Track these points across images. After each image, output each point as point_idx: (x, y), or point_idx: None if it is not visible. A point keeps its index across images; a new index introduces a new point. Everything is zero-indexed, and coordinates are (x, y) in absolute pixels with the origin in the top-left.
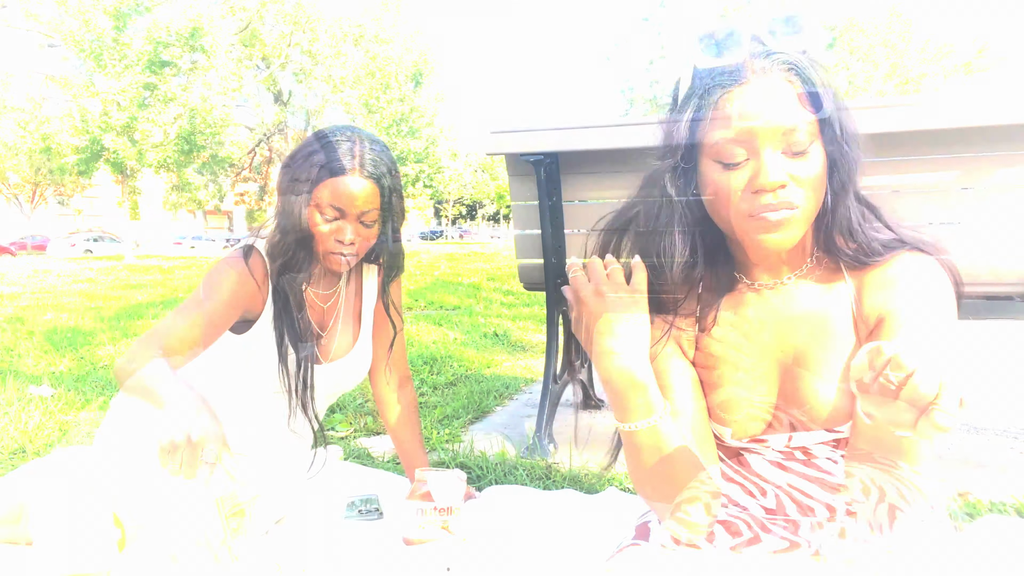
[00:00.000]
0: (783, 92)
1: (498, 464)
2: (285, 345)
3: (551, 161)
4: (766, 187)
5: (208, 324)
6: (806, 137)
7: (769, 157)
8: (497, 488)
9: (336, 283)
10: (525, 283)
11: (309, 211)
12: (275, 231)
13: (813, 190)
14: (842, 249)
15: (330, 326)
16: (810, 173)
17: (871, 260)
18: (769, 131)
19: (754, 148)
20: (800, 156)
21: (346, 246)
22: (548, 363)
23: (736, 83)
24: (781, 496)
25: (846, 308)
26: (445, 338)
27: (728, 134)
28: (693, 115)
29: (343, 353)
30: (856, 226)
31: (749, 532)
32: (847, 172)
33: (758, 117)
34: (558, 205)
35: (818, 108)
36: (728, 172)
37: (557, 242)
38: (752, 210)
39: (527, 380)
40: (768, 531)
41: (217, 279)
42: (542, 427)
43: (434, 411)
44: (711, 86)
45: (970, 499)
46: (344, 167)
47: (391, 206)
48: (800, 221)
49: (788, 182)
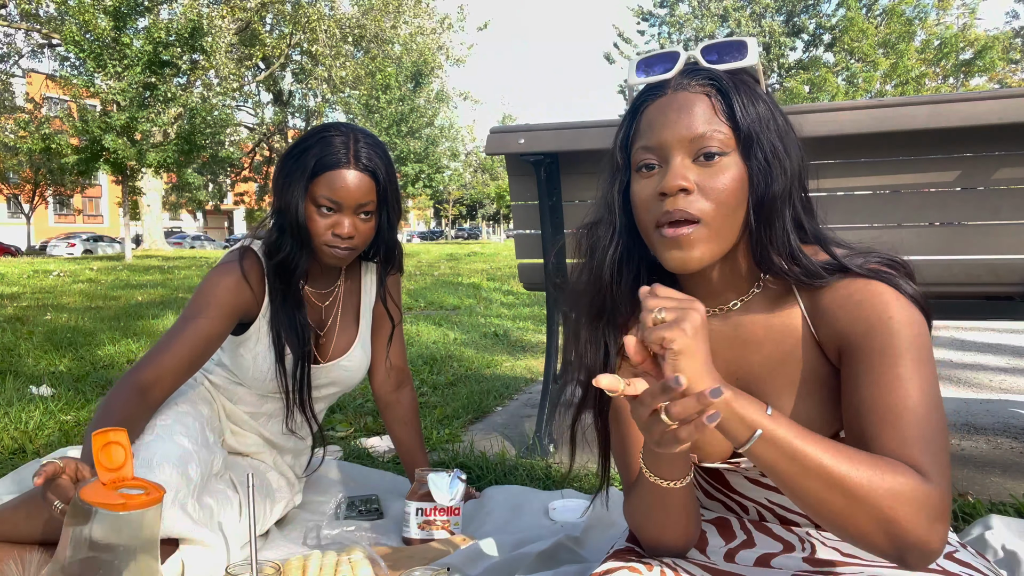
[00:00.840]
0: (697, 103)
1: (498, 464)
2: (282, 345)
3: (551, 161)
4: (667, 189)
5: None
6: (716, 146)
7: (677, 162)
8: (497, 488)
9: (334, 282)
10: (525, 283)
11: (306, 205)
12: (272, 228)
13: (721, 203)
14: (782, 269)
15: (328, 325)
16: (718, 184)
17: (816, 283)
18: (677, 138)
19: (665, 155)
20: (709, 165)
21: (343, 240)
22: (548, 363)
23: (656, 97)
24: (763, 511)
25: (803, 329)
26: (445, 338)
27: (643, 142)
28: (623, 131)
29: (341, 353)
30: (794, 247)
31: (742, 533)
32: (771, 190)
33: (668, 125)
34: (558, 205)
35: (733, 124)
36: (643, 180)
37: (557, 242)
38: (657, 218)
39: (527, 380)
40: (761, 529)
41: (210, 290)
42: (542, 427)
43: (434, 411)
44: (637, 102)
45: (970, 499)
46: (339, 160)
47: (387, 199)
48: (706, 240)
49: (694, 188)
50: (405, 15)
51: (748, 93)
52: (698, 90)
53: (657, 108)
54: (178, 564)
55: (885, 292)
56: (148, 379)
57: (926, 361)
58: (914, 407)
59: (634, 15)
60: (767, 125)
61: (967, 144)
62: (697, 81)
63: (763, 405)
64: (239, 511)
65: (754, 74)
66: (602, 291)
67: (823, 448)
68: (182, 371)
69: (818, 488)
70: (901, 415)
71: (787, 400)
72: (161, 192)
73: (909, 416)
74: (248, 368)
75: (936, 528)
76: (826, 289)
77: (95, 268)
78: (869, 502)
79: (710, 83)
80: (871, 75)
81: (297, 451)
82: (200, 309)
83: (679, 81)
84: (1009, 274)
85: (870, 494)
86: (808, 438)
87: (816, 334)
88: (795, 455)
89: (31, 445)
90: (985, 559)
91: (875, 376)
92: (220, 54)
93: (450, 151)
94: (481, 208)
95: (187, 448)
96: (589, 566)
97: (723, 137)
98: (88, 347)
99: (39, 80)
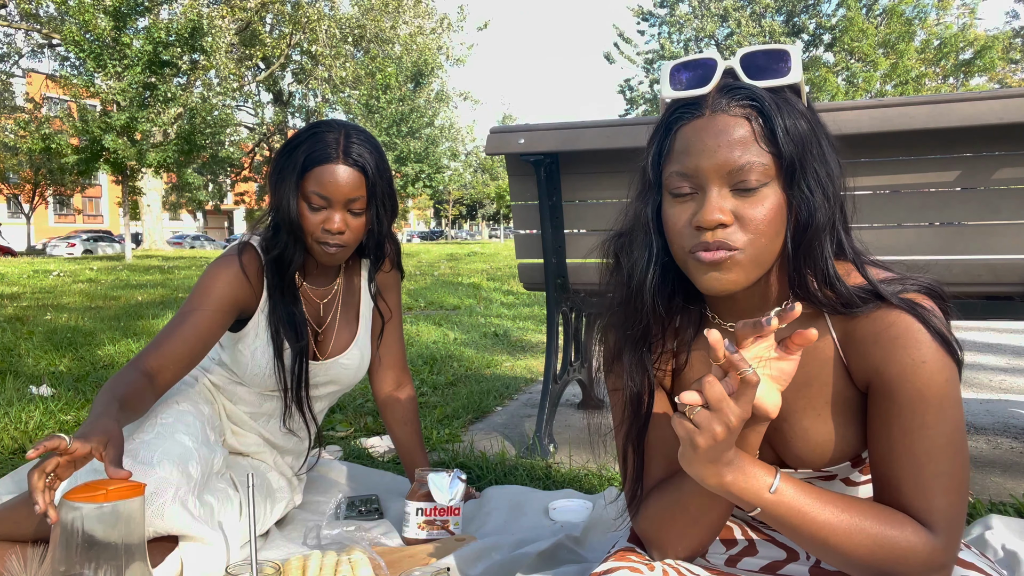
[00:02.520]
0: (737, 129)
1: (498, 464)
2: (280, 340)
3: (551, 161)
4: (704, 224)
5: (194, 337)
6: (756, 177)
7: (714, 194)
8: (497, 488)
9: (332, 280)
10: (525, 283)
11: (298, 202)
12: (269, 225)
13: (760, 234)
14: (815, 295)
15: (327, 323)
16: (757, 215)
17: (851, 311)
18: (715, 168)
19: (700, 183)
20: (748, 195)
21: (334, 235)
22: (548, 363)
23: (692, 117)
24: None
25: (831, 356)
26: (445, 338)
27: (678, 167)
28: (655, 147)
29: (340, 350)
30: (832, 273)
31: (744, 540)
32: (814, 219)
33: (706, 152)
34: (558, 205)
35: (776, 150)
36: (677, 205)
37: (557, 242)
38: (692, 246)
39: (527, 380)
40: (763, 536)
41: (209, 283)
42: (542, 427)
43: (434, 411)
44: (671, 119)
45: (970, 499)
46: (329, 155)
47: (377, 194)
48: (743, 264)
49: (732, 222)
50: (405, 15)
51: (791, 113)
52: (738, 113)
53: (693, 131)
54: (177, 562)
55: (919, 333)
56: (153, 366)
57: (954, 406)
58: (937, 458)
59: (634, 15)
60: (810, 149)
61: (967, 144)
62: (737, 102)
63: (767, 482)
64: (239, 510)
65: (797, 88)
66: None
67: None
68: (184, 361)
69: (821, 550)
70: (924, 465)
71: (811, 421)
72: (161, 192)
73: (931, 467)
74: (247, 365)
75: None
76: (859, 318)
77: (95, 268)
78: (872, 566)
79: (751, 105)
80: (871, 75)
81: (298, 452)
82: (200, 302)
83: (717, 100)
84: (1009, 274)
85: (874, 557)
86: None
87: (846, 361)
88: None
89: (31, 445)
90: (987, 558)
91: (903, 422)
92: (220, 54)
93: (450, 151)
94: (481, 208)
95: (188, 446)
96: (589, 566)
97: (764, 166)
98: (88, 347)
99: (39, 80)
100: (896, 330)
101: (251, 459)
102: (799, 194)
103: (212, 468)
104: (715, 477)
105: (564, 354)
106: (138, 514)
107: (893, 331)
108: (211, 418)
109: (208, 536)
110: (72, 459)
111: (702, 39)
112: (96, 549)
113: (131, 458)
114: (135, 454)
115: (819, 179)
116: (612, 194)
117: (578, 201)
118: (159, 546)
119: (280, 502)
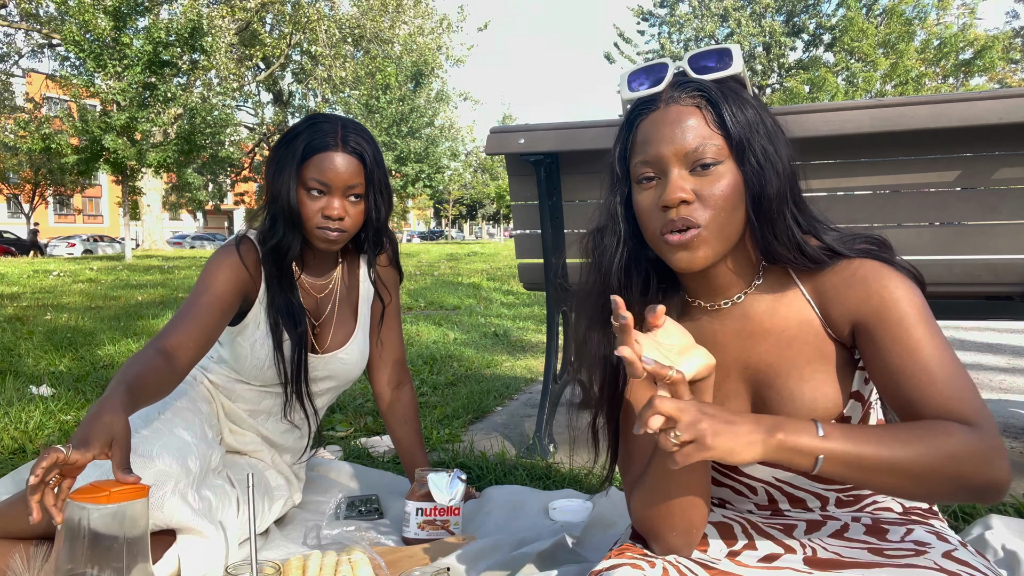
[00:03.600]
0: (689, 116)
1: (498, 464)
2: (280, 331)
3: (551, 161)
4: (668, 202)
5: (208, 316)
6: (711, 157)
7: (675, 175)
8: (497, 488)
9: (330, 273)
10: (525, 283)
11: (297, 190)
12: (265, 218)
13: (719, 208)
14: (786, 257)
15: (324, 316)
16: (715, 191)
17: (817, 266)
18: (673, 152)
19: (663, 168)
20: (705, 174)
21: (334, 221)
22: (548, 363)
23: (649, 111)
24: (771, 491)
25: (809, 314)
26: (445, 338)
27: (642, 157)
28: (620, 144)
29: (339, 345)
30: (799, 238)
31: (744, 537)
32: (766, 190)
33: (664, 140)
34: (558, 205)
35: (725, 132)
36: (644, 191)
37: (557, 242)
38: (661, 227)
39: (527, 380)
40: (763, 534)
41: (211, 270)
42: (542, 427)
43: (434, 411)
44: (632, 116)
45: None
46: (328, 143)
47: (374, 182)
48: (708, 240)
49: (693, 199)
50: (405, 15)
51: (736, 101)
52: (689, 103)
53: (651, 123)
54: (175, 559)
55: (882, 268)
56: (171, 345)
57: (934, 324)
58: (942, 364)
59: (634, 15)
60: (756, 130)
61: (967, 144)
62: (687, 93)
63: (812, 427)
64: (237, 507)
65: (741, 80)
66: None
67: (880, 443)
68: (202, 341)
69: (887, 480)
70: (935, 374)
71: (796, 381)
72: (161, 192)
73: (942, 373)
74: (246, 357)
75: (998, 465)
76: (826, 272)
77: (95, 268)
78: (936, 475)
79: (700, 94)
80: (871, 75)
81: (296, 449)
82: (206, 287)
83: (670, 94)
84: (1009, 274)
85: (935, 469)
86: (863, 440)
87: (824, 314)
88: (859, 463)
89: (31, 445)
90: (985, 559)
91: (900, 344)
92: (220, 54)
93: (450, 151)
94: (481, 208)
95: (187, 440)
96: (589, 566)
97: (716, 147)
98: (88, 347)
99: (39, 80)
100: (864, 271)
101: (248, 458)
102: (750, 169)
103: (210, 464)
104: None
105: (564, 354)
106: (142, 515)
107: (861, 272)
108: (209, 416)
109: (207, 530)
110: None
111: (702, 39)
112: (100, 549)
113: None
114: (134, 448)
115: (768, 155)
116: None
117: (578, 201)
118: (157, 540)
119: (278, 500)
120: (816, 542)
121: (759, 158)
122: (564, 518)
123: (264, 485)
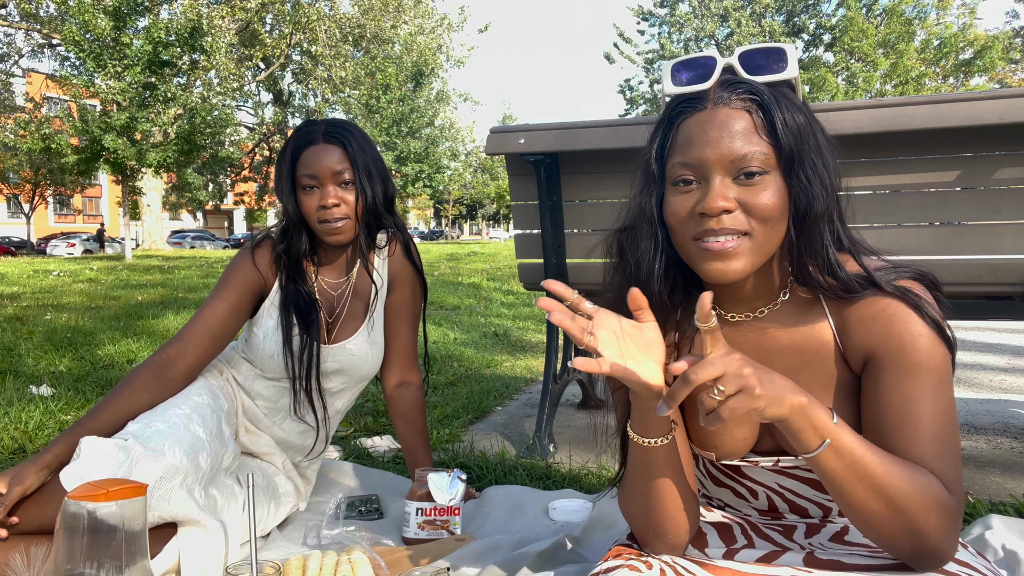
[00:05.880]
0: (738, 121)
1: (498, 464)
2: (290, 317)
3: (551, 161)
4: (709, 210)
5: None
6: (758, 166)
7: (717, 182)
8: (497, 488)
9: (345, 274)
10: (525, 283)
11: (296, 193)
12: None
13: (764, 219)
14: (817, 281)
15: (337, 312)
16: (760, 202)
17: (849, 296)
18: (718, 157)
19: (704, 173)
20: (750, 184)
21: (330, 210)
22: (548, 363)
23: (695, 110)
24: (773, 497)
25: (828, 340)
26: (445, 338)
27: (682, 158)
28: (659, 141)
29: (347, 336)
30: (833, 260)
31: (743, 538)
32: (812, 207)
33: (709, 143)
34: (558, 205)
35: (775, 140)
36: (680, 194)
37: (557, 242)
38: (696, 233)
39: (527, 380)
40: (762, 536)
41: (229, 270)
42: (542, 427)
43: (434, 411)
44: (674, 113)
45: (970, 499)
46: (310, 140)
47: (361, 165)
48: (748, 252)
49: (735, 208)
50: (405, 15)
51: (789, 107)
52: (739, 106)
53: (696, 123)
54: (175, 553)
55: (911, 315)
56: (170, 354)
57: (947, 384)
58: (935, 422)
59: (634, 15)
60: (807, 140)
61: (967, 144)
62: (737, 95)
63: (830, 412)
64: (242, 508)
65: (792, 84)
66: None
67: (878, 459)
68: (205, 344)
69: (866, 496)
70: (920, 426)
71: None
72: (161, 192)
73: (929, 428)
74: (259, 346)
75: (952, 538)
76: (855, 303)
77: (95, 268)
78: (909, 512)
79: (751, 98)
80: (871, 75)
81: (303, 445)
82: (219, 288)
83: (719, 94)
84: (1009, 274)
85: (911, 505)
86: (866, 448)
87: (843, 344)
88: (855, 464)
89: (31, 445)
90: (985, 559)
91: (899, 388)
92: (220, 54)
93: (450, 151)
94: (481, 208)
95: (201, 437)
96: (589, 566)
97: (764, 155)
98: (88, 347)
99: (39, 80)
100: (892, 309)
101: (260, 461)
102: (798, 183)
103: (222, 463)
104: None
105: (564, 354)
106: (140, 514)
107: (890, 310)
108: (228, 414)
109: (209, 524)
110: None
111: (702, 39)
112: (98, 547)
113: (143, 445)
114: (147, 442)
115: (816, 169)
116: (612, 194)
117: (578, 201)
118: (158, 534)
119: (284, 506)
120: (816, 544)
121: (808, 171)
122: (564, 518)
123: (272, 489)
